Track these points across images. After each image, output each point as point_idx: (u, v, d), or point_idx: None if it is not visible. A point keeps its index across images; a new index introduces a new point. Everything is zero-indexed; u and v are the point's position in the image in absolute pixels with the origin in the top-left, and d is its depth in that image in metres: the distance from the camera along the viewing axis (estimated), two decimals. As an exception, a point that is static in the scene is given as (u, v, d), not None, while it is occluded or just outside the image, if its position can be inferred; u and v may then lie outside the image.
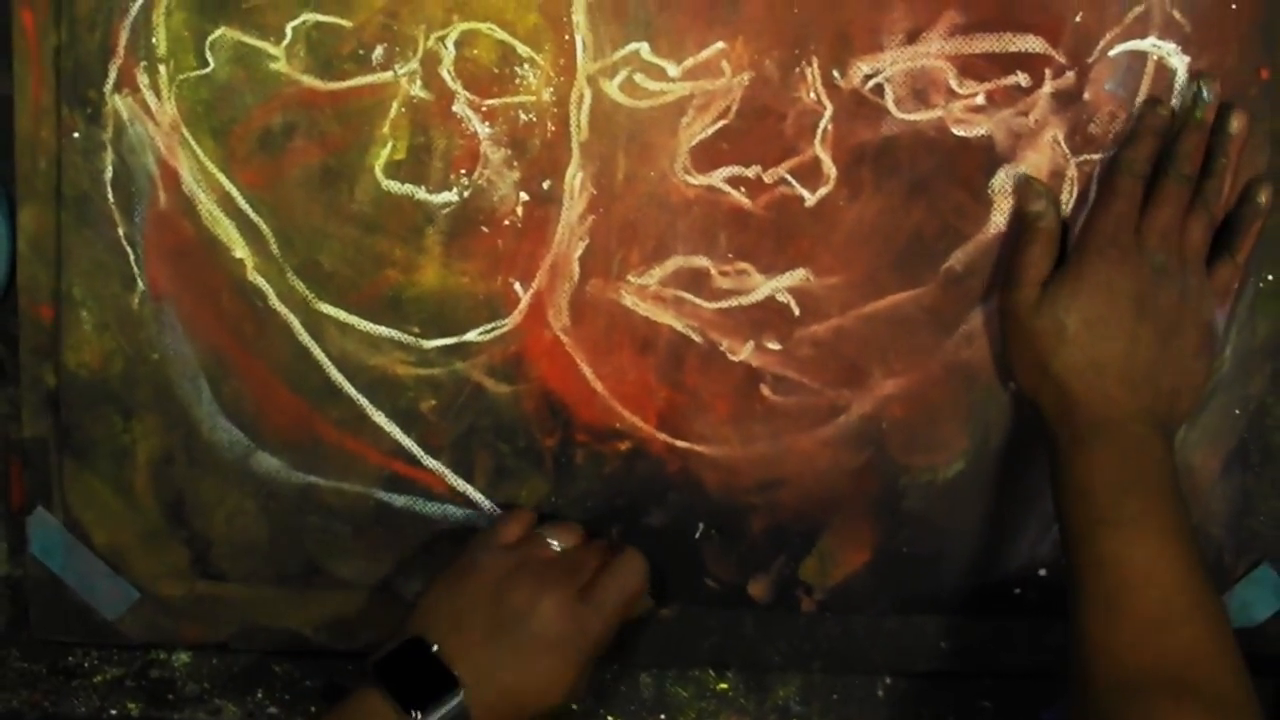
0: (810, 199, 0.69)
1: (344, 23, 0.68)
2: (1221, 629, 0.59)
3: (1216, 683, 0.57)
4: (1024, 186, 0.67)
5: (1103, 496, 0.61)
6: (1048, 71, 0.68)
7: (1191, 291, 0.65)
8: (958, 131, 0.68)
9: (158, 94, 0.68)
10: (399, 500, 0.71)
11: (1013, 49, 0.68)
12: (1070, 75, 0.68)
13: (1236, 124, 0.66)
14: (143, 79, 0.68)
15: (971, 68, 0.68)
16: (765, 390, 0.70)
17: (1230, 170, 0.67)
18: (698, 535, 0.71)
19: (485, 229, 0.69)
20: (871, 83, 0.68)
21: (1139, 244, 0.65)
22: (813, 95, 0.68)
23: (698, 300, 0.69)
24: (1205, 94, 0.66)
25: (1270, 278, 0.69)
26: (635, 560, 0.67)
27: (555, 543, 0.67)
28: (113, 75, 0.68)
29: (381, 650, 0.62)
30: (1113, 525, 0.60)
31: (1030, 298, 0.66)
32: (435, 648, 0.62)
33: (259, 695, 0.74)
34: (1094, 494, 0.62)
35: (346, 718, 0.61)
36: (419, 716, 0.60)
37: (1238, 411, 0.69)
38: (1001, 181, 0.68)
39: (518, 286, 0.69)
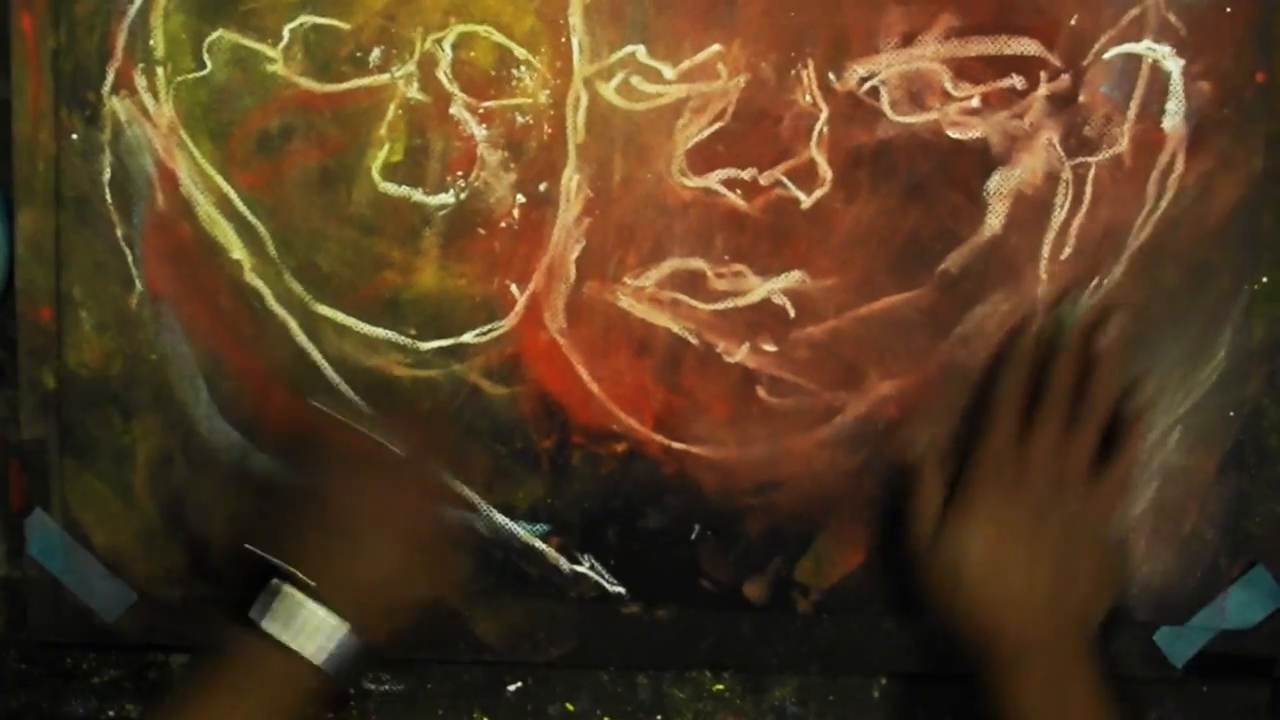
0: (806, 201, 0.69)
1: (341, 25, 0.68)
2: None
3: None
4: (906, 442, 0.68)
5: None
6: (1043, 74, 0.67)
7: (1080, 512, 0.65)
8: (953, 134, 0.68)
9: (155, 96, 0.68)
10: (396, 501, 0.71)
11: (1008, 52, 0.67)
12: (1065, 78, 0.67)
13: (1104, 338, 0.67)
14: (140, 81, 0.68)
15: (967, 70, 0.67)
16: (761, 392, 0.70)
17: (1106, 385, 0.67)
18: (694, 537, 0.71)
19: (482, 231, 0.69)
20: (867, 85, 0.68)
21: (1022, 474, 0.65)
22: (808, 98, 0.68)
23: (694, 302, 0.69)
24: (1068, 316, 0.67)
25: (1265, 280, 0.68)
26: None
27: None
28: (110, 77, 0.68)
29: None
30: None
31: (925, 536, 0.66)
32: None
33: (256, 696, 0.73)
34: None
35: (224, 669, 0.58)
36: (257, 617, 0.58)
37: (1233, 413, 0.69)
38: (997, 184, 0.68)
39: (514, 288, 0.69)
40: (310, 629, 0.58)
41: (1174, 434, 0.69)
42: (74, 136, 0.68)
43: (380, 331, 0.69)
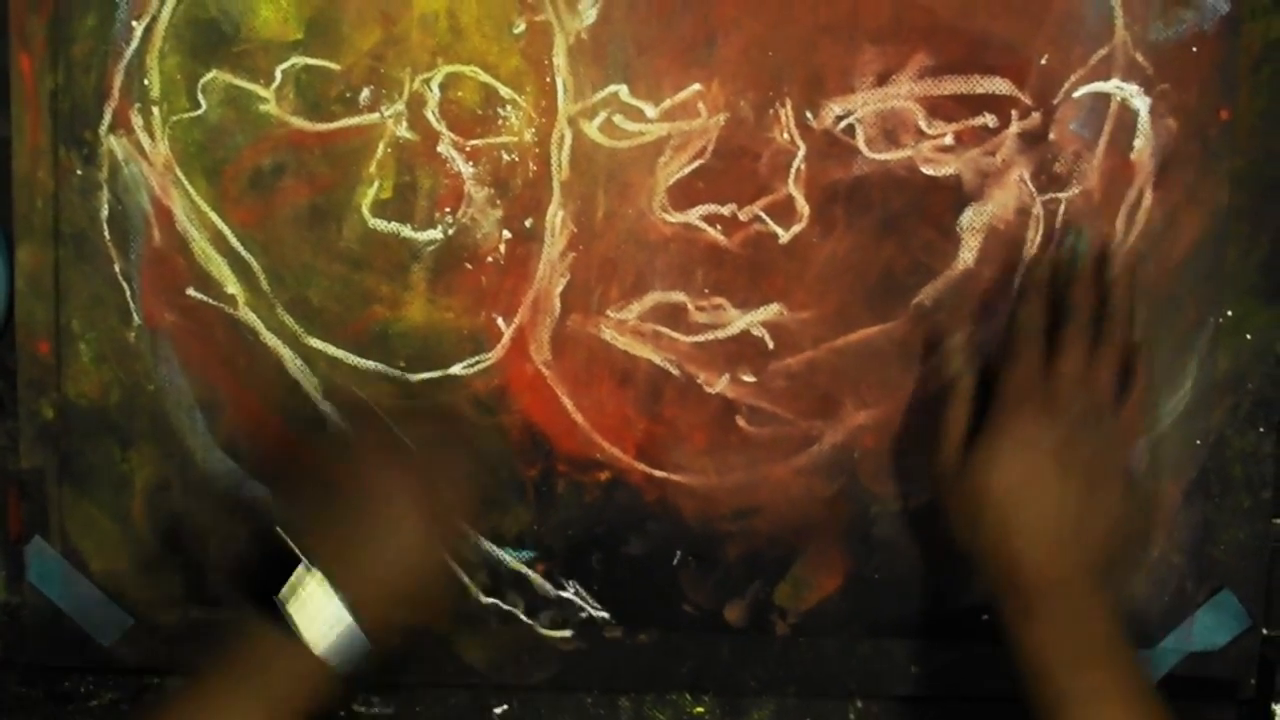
0: (784, 236, 0.68)
1: (332, 66, 0.67)
2: None
3: None
4: (950, 350, 0.67)
5: (1061, 671, 0.59)
6: (1014, 112, 0.67)
7: (1107, 436, 0.63)
8: (927, 171, 0.67)
9: (151, 135, 0.67)
10: (385, 529, 0.70)
11: (980, 90, 0.67)
12: (1036, 116, 0.67)
13: (1115, 270, 0.66)
14: (137, 120, 0.67)
15: (940, 109, 0.67)
16: (740, 421, 0.69)
17: (1123, 309, 0.65)
18: (675, 562, 0.70)
19: (469, 266, 0.68)
20: (843, 123, 0.67)
21: (1051, 397, 0.62)
22: (786, 135, 0.67)
23: (675, 334, 0.68)
24: (1080, 245, 0.66)
25: (1230, 313, 0.68)
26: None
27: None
28: (108, 117, 0.67)
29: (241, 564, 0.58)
30: (1076, 702, 0.58)
31: (954, 460, 0.63)
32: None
33: (249, 719, 0.72)
34: (1051, 670, 0.59)
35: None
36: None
37: (1199, 443, 0.68)
38: (969, 219, 0.67)
39: (500, 321, 0.68)
40: (321, 617, 0.57)
41: (1142, 462, 0.68)
42: (74, 174, 0.67)
43: (370, 364, 0.68)
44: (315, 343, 0.68)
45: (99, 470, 0.69)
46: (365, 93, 0.67)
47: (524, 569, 0.70)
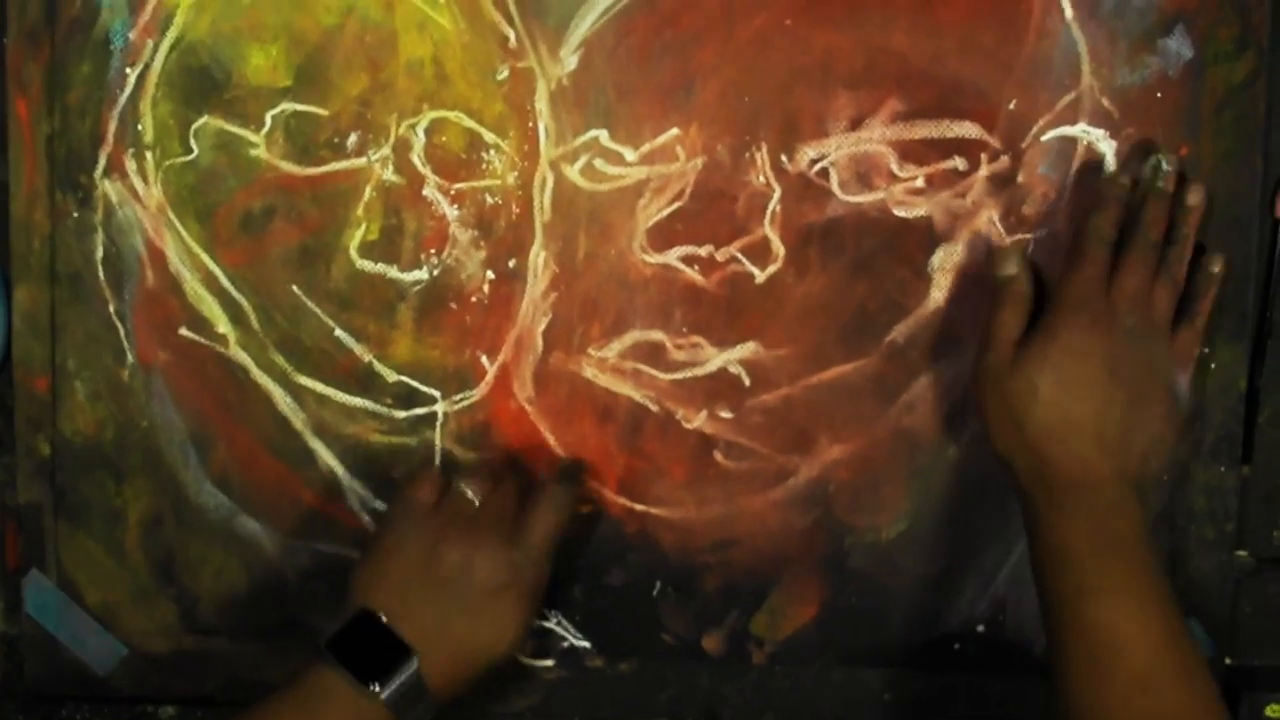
0: (760, 276, 0.68)
1: (320, 111, 0.67)
2: (1207, 690, 0.57)
3: None
4: (998, 252, 0.66)
5: (1084, 563, 0.59)
6: (984, 156, 0.67)
7: (1159, 356, 0.63)
8: (899, 212, 0.68)
9: (145, 179, 0.68)
10: (373, 561, 0.71)
11: (950, 135, 0.67)
12: (1005, 159, 0.67)
13: (1194, 197, 0.65)
14: (131, 165, 0.68)
15: (912, 152, 0.67)
16: (718, 456, 0.70)
17: (1191, 239, 0.65)
18: (655, 593, 0.70)
19: (454, 305, 0.69)
20: (817, 167, 0.68)
21: (1110, 308, 0.63)
22: (762, 179, 0.68)
23: (654, 372, 0.69)
24: (1165, 166, 0.65)
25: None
26: (556, 494, 0.65)
27: (471, 494, 0.65)
28: (102, 161, 0.68)
29: (333, 628, 0.60)
30: (1096, 592, 0.58)
31: (1003, 360, 0.63)
32: (384, 618, 0.60)
33: (240, 747, 0.73)
34: (1074, 561, 0.59)
35: (303, 697, 0.59)
36: (378, 688, 0.58)
37: (1164, 477, 0.69)
38: (940, 259, 0.68)
39: (485, 359, 0.69)
40: (400, 681, 0.59)
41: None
42: (70, 217, 0.68)
43: (358, 401, 0.69)
44: (305, 380, 0.69)
45: (94, 505, 0.70)
46: (353, 137, 0.68)
47: (508, 600, 0.70)
